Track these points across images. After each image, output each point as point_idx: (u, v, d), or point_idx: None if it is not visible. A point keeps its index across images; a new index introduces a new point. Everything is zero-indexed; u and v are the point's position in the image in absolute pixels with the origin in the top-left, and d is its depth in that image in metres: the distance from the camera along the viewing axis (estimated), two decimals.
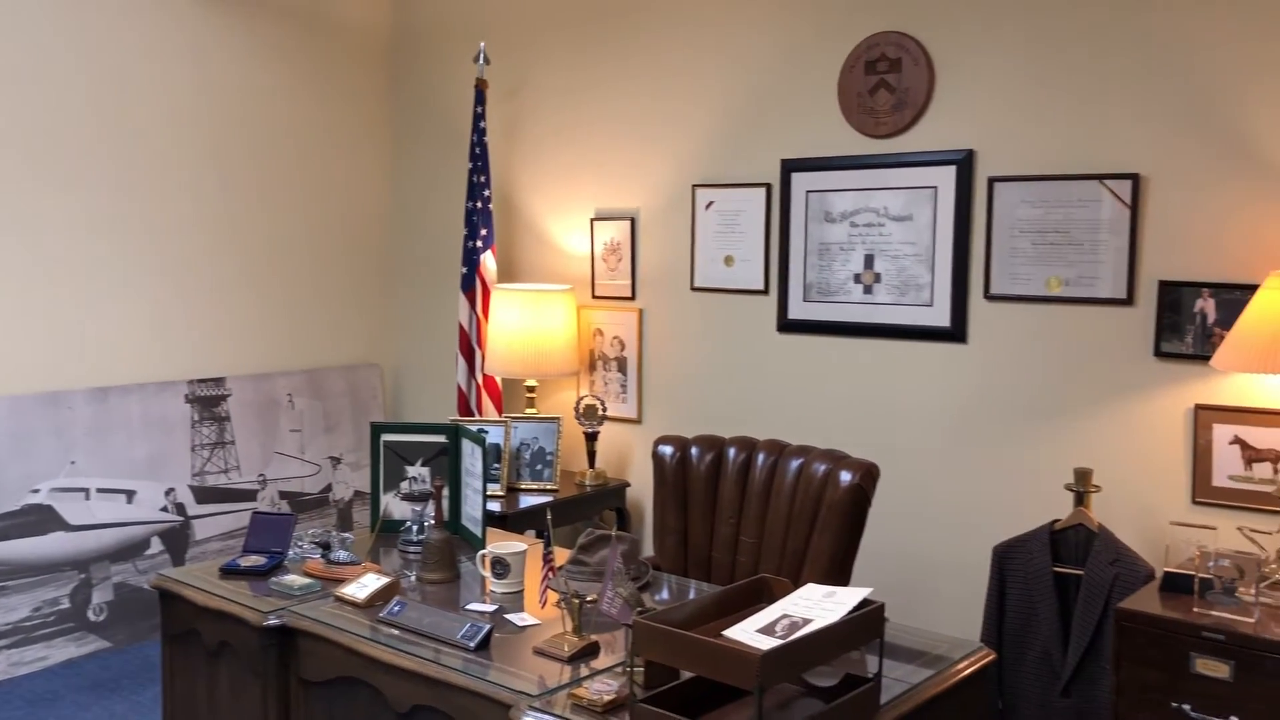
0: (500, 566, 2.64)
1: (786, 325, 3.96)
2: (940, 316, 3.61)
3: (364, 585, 2.60)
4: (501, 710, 2.06)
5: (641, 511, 4.40)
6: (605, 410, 4.23)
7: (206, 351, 4.60)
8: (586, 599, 2.33)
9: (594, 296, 4.51)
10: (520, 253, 4.80)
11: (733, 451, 3.18)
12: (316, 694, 2.48)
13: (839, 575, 2.89)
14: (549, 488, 4.17)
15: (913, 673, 2.19)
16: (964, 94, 3.53)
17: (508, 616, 2.48)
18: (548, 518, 2.67)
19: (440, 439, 3.16)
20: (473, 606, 2.55)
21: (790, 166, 3.90)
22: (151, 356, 4.42)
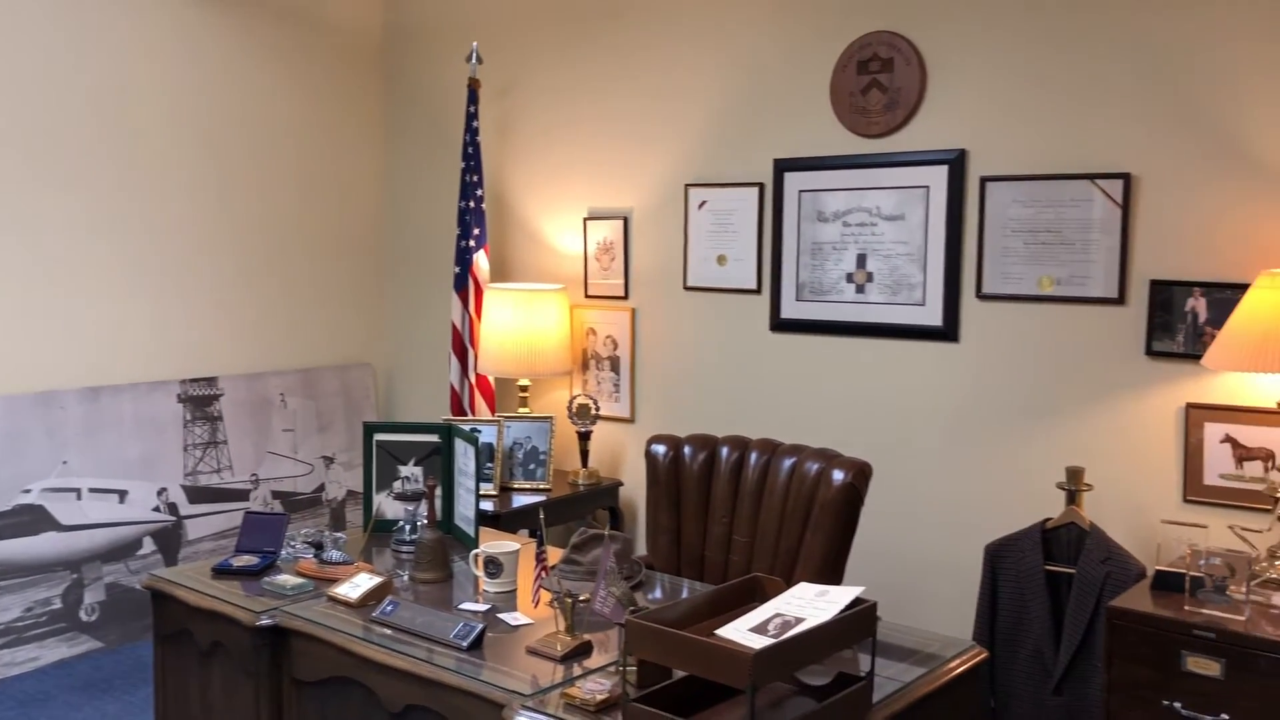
0: (493, 566, 2.64)
1: (779, 325, 3.96)
2: (932, 316, 3.61)
3: (357, 585, 2.60)
4: (494, 710, 2.06)
5: (634, 511, 4.40)
6: (598, 409, 4.23)
7: (199, 351, 4.59)
8: (579, 598, 2.33)
9: (587, 296, 4.51)
10: (513, 252, 4.80)
11: (725, 451, 3.18)
12: (309, 694, 2.48)
13: (831, 574, 2.89)
14: (542, 487, 4.17)
15: (905, 671, 2.20)
16: (956, 94, 3.54)
17: (500, 616, 2.48)
18: (541, 517, 2.67)
19: (433, 438, 3.16)
20: (465, 606, 2.55)
21: (783, 166, 3.91)
22: (144, 356, 4.41)
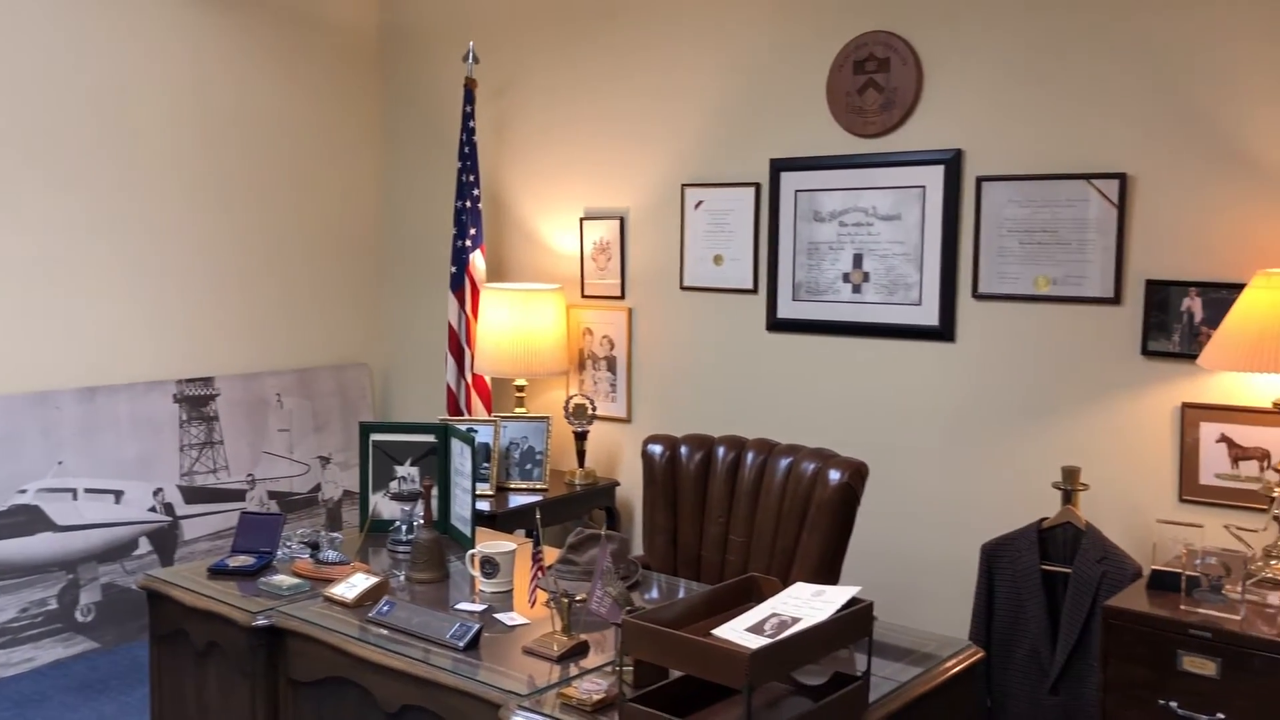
0: (489, 566, 2.64)
1: (775, 324, 3.96)
2: (929, 315, 3.61)
3: (353, 585, 2.60)
4: (491, 710, 2.06)
5: (631, 510, 4.40)
6: (594, 409, 4.23)
7: (195, 351, 4.58)
8: (576, 598, 2.33)
9: (583, 296, 4.51)
10: (509, 252, 4.80)
11: (722, 450, 3.18)
12: (305, 694, 2.48)
13: (828, 574, 2.89)
14: (538, 487, 4.17)
15: (901, 671, 2.20)
16: (952, 94, 3.54)
17: (497, 616, 2.48)
18: (537, 517, 2.67)
19: (429, 438, 3.16)
20: (462, 606, 2.55)
21: (779, 166, 3.91)
22: (140, 356, 4.41)
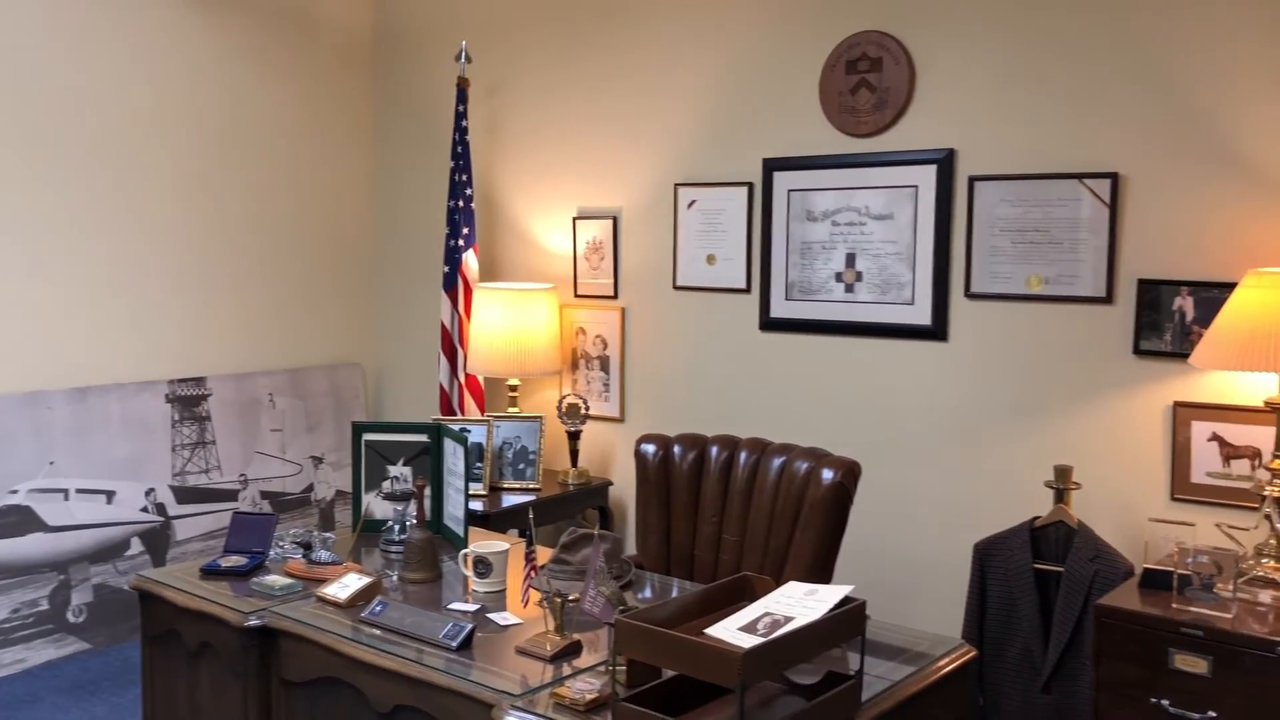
0: (482, 566, 2.64)
1: (768, 324, 3.97)
2: (921, 315, 3.62)
3: (345, 585, 2.59)
4: (484, 710, 2.06)
5: (624, 510, 4.40)
6: (588, 409, 4.23)
7: (187, 351, 4.57)
8: (569, 598, 2.33)
9: (576, 295, 4.51)
10: (502, 251, 4.79)
11: (715, 450, 3.19)
12: (298, 695, 2.47)
13: (821, 573, 2.90)
14: (531, 487, 4.17)
15: (894, 670, 2.20)
16: (944, 93, 3.55)
17: (490, 616, 2.48)
18: (530, 517, 2.67)
19: (422, 438, 3.16)
20: (455, 606, 2.55)
21: (772, 165, 3.91)
22: (131, 356, 4.39)
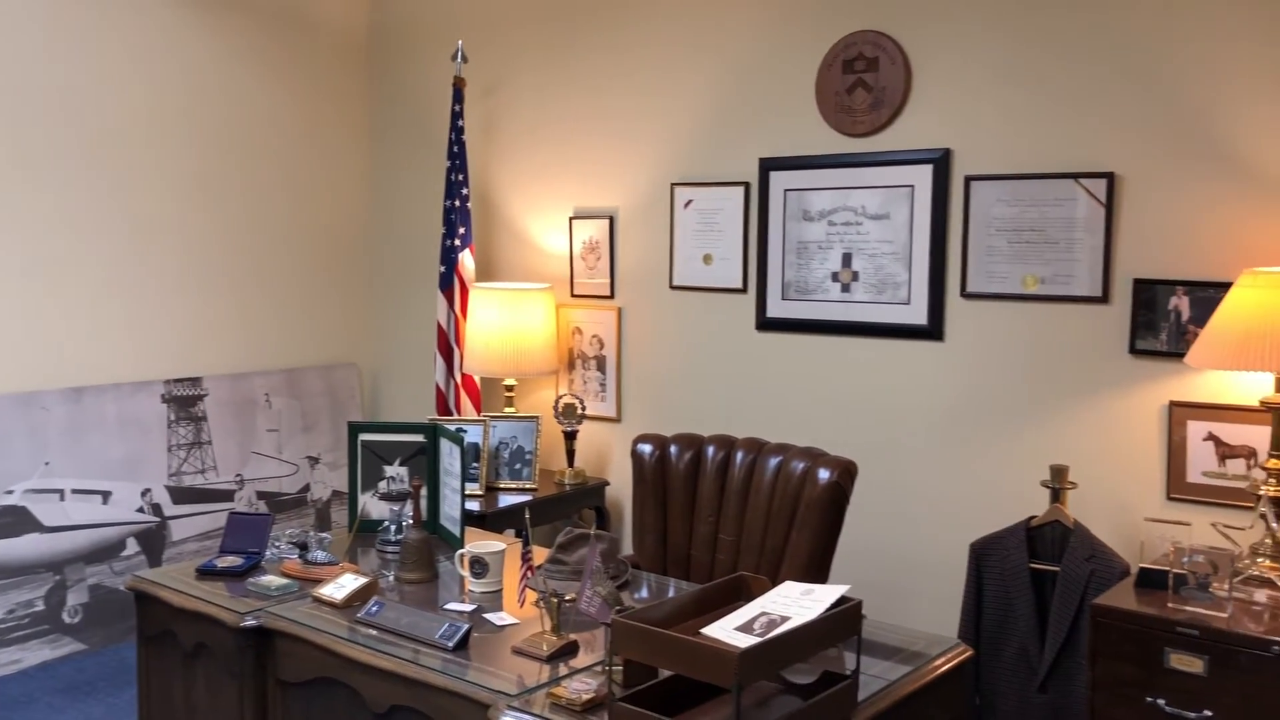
0: (479, 566, 2.64)
1: (765, 324, 3.97)
2: (917, 315, 3.62)
3: (342, 585, 2.59)
4: (480, 710, 2.06)
5: (620, 510, 4.40)
6: (584, 409, 4.22)
7: (183, 351, 4.57)
8: (565, 598, 2.33)
9: (573, 295, 4.51)
10: (498, 251, 4.79)
11: (711, 450, 3.19)
12: (294, 695, 2.47)
13: (817, 573, 2.90)
14: (528, 487, 4.16)
15: (890, 669, 2.20)
16: (941, 93, 3.55)
17: (486, 616, 2.48)
18: (526, 517, 2.66)
19: (418, 438, 3.15)
20: (451, 606, 2.55)
21: (768, 165, 3.91)
22: (127, 356, 4.39)
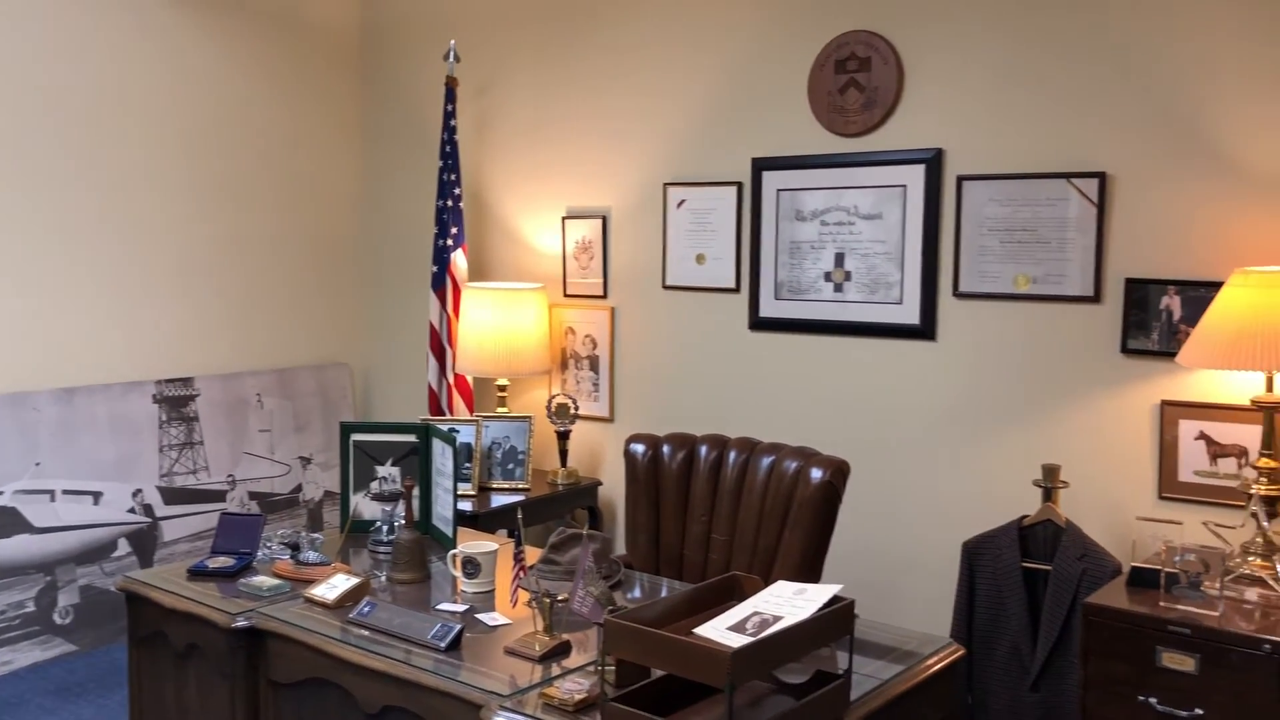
0: (471, 566, 2.63)
1: (758, 323, 3.97)
2: (910, 314, 3.62)
3: (333, 586, 2.59)
4: (472, 710, 2.05)
5: (613, 510, 4.40)
6: (577, 409, 4.22)
7: (174, 351, 4.55)
8: (558, 598, 2.32)
9: (565, 295, 4.50)
10: (491, 251, 4.79)
11: (704, 449, 3.18)
12: (286, 696, 2.46)
13: (810, 572, 2.90)
14: (520, 487, 4.16)
15: (883, 669, 2.20)
16: (933, 93, 3.55)
17: (479, 616, 2.47)
18: (519, 517, 2.67)
19: (410, 438, 3.15)
20: (443, 606, 2.55)
21: (761, 165, 3.91)
22: (118, 356, 4.37)
